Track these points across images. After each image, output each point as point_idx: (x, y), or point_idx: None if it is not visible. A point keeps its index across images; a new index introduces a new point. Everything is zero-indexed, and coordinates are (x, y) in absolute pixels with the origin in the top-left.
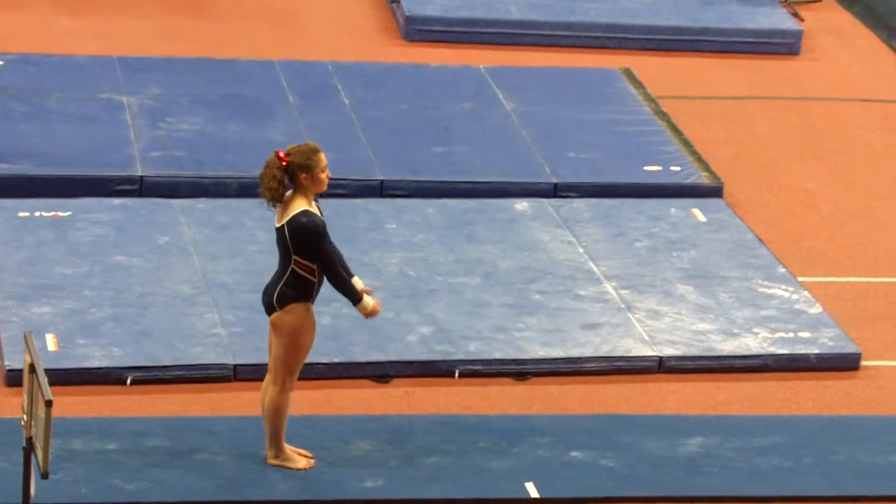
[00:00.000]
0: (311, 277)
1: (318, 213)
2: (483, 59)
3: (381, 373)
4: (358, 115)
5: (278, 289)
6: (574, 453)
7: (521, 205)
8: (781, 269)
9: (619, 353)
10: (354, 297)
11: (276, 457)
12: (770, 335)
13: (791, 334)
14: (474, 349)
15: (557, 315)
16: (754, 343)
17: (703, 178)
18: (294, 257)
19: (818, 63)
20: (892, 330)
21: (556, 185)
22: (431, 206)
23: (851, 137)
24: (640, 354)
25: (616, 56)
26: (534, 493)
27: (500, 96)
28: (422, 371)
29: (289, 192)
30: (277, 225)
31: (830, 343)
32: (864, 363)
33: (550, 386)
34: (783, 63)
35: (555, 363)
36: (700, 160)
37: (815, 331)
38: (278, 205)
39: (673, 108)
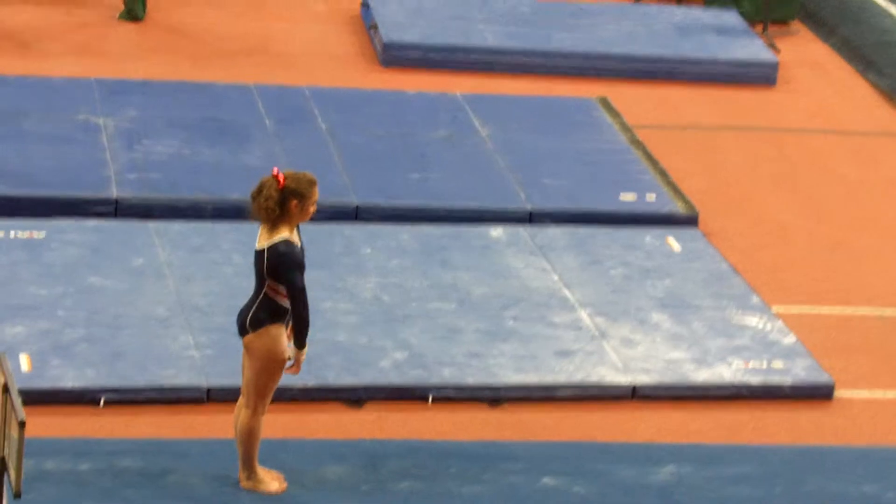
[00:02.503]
0: (283, 302)
1: (299, 243)
2: (460, 86)
3: (355, 397)
4: (334, 140)
5: (252, 311)
6: (546, 480)
7: (496, 231)
8: (755, 299)
9: (593, 380)
10: (301, 342)
11: (249, 479)
12: (743, 365)
13: (764, 364)
14: (448, 375)
15: (531, 342)
16: (728, 372)
17: (678, 208)
18: (267, 280)
19: (794, 94)
20: (864, 360)
21: (531, 212)
22: (406, 232)
23: (826, 169)
24: (614, 382)
25: (592, 85)
26: None
27: (477, 123)
28: (395, 396)
29: None
30: (258, 248)
31: (803, 373)
32: (837, 394)
33: (523, 412)
34: (759, 94)
35: (528, 390)
36: (675, 189)
37: (789, 361)
38: (263, 228)
39: (649, 138)
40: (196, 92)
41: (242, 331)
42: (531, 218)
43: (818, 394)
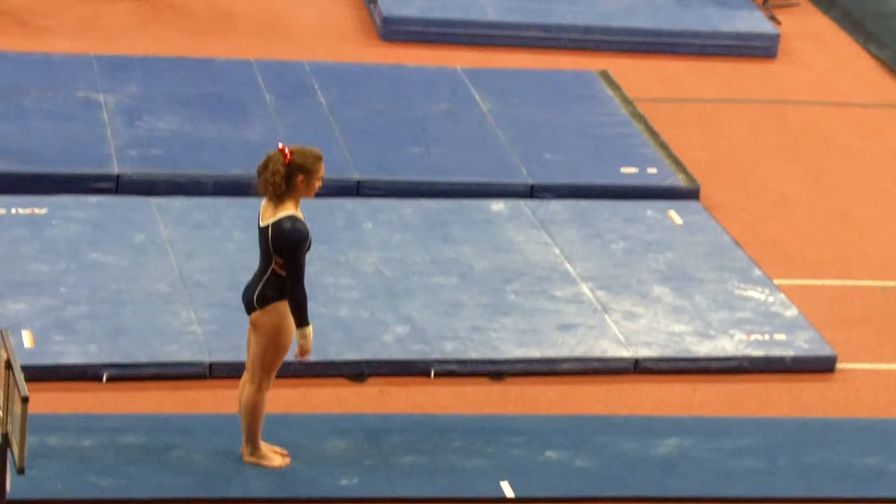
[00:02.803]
0: None
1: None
2: (460, 60)
3: (357, 372)
4: (335, 115)
5: (259, 288)
6: (549, 453)
7: (498, 205)
8: (757, 272)
9: (595, 353)
10: (303, 319)
11: (252, 454)
12: (746, 337)
13: (767, 336)
14: (450, 349)
15: (533, 316)
16: (730, 345)
17: (679, 181)
18: (274, 258)
19: (795, 66)
20: (867, 333)
21: (532, 186)
22: (408, 206)
23: (828, 141)
24: (616, 355)
25: (593, 58)
26: (508, 492)
27: (477, 97)
28: (397, 370)
29: None
30: (262, 224)
31: (806, 345)
32: (839, 366)
33: (526, 386)
34: (760, 66)
35: (530, 363)
36: (677, 162)
37: (791, 333)
38: (268, 203)
39: (650, 111)
40: (196, 67)
41: (249, 308)
42: (532, 192)
43: (820, 366)
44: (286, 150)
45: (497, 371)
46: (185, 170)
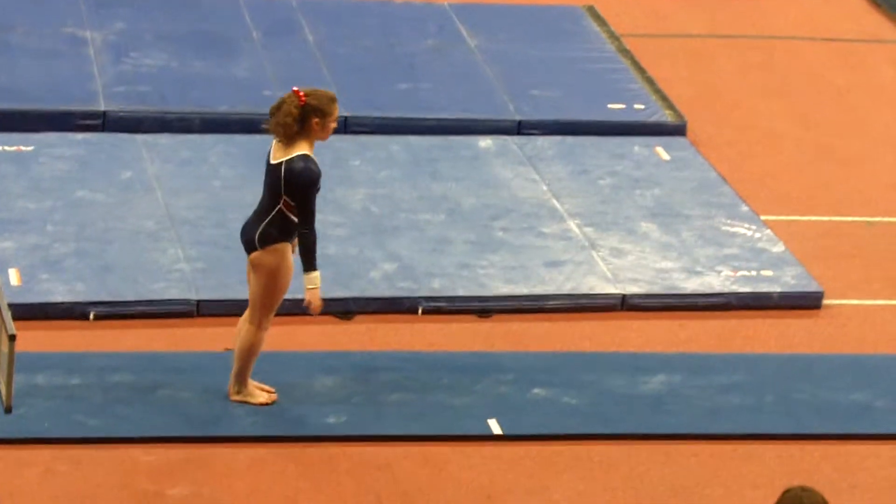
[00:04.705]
0: (296, 218)
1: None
2: None
3: (345, 309)
4: (322, 52)
5: (261, 227)
6: (537, 390)
7: (485, 142)
8: (744, 208)
9: (583, 290)
10: (311, 263)
11: (239, 392)
12: (733, 273)
13: (754, 273)
14: (438, 286)
15: (521, 252)
16: (717, 281)
17: (666, 117)
18: (284, 197)
19: (782, 1)
20: (854, 269)
21: (519, 122)
22: (395, 143)
23: (815, 76)
24: (603, 292)
25: None
26: (496, 429)
27: (465, 33)
28: (385, 308)
29: None
30: (273, 162)
31: (793, 281)
32: (826, 302)
33: (513, 323)
34: (747, 1)
35: (518, 300)
36: (663, 98)
37: (778, 269)
38: (280, 142)
39: (636, 47)
40: (183, 4)
41: (249, 247)
42: (520, 128)
43: (807, 302)
44: (300, 93)
45: (485, 308)
46: (171, 107)
